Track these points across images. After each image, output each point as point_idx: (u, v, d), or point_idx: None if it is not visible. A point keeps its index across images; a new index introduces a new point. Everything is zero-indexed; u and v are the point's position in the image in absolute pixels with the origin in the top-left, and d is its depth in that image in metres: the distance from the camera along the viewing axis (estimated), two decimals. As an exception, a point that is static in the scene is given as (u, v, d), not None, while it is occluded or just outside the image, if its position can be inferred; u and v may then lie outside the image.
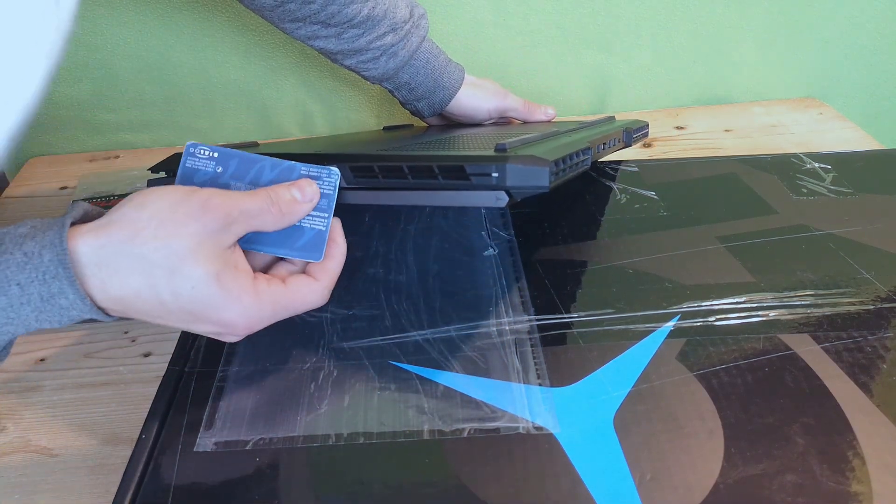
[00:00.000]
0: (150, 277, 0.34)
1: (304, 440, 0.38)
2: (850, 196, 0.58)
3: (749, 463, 0.35)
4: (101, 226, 0.35)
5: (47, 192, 0.71)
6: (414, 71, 0.62)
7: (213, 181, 0.40)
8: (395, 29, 0.59)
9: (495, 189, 0.39)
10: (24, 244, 0.33)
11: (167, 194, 0.36)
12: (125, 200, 0.36)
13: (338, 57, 0.61)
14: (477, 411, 0.39)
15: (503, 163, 0.37)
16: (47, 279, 0.33)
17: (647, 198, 0.58)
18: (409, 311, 0.46)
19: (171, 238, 0.34)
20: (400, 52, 0.60)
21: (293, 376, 0.42)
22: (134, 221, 0.35)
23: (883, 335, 0.43)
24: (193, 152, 0.40)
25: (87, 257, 0.34)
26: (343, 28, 0.58)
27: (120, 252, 0.34)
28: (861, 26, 0.77)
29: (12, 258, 0.32)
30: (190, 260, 0.35)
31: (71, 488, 0.41)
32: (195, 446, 0.38)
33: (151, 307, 0.35)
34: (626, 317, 0.45)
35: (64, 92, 0.74)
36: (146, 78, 0.75)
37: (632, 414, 0.38)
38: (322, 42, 0.59)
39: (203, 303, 0.35)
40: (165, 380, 0.42)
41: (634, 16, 0.74)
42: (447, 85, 0.64)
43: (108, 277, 0.34)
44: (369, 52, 0.60)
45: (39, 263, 0.32)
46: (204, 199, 0.36)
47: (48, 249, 0.33)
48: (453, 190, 0.40)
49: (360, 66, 0.61)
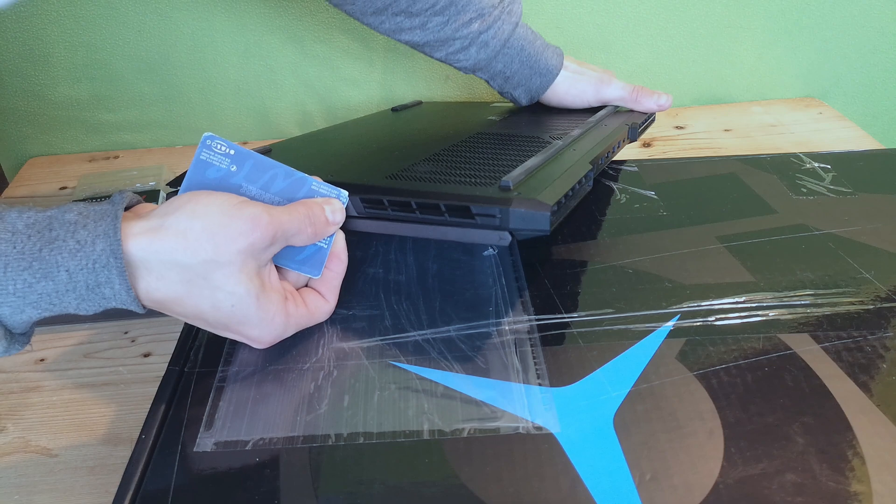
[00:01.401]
0: (194, 288, 0.36)
1: (303, 440, 0.38)
2: (849, 196, 0.58)
3: (749, 462, 0.35)
4: (153, 229, 0.35)
5: (47, 193, 0.71)
6: (508, 59, 0.59)
7: (225, 179, 0.40)
8: (482, 15, 0.56)
9: (499, 230, 0.41)
10: (76, 232, 0.33)
11: (219, 204, 0.37)
12: (176, 204, 0.37)
13: (426, 49, 0.59)
14: (477, 411, 0.39)
15: (507, 206, 0.39)
16: (97, 268, 0.33)
17: (647, 197, 0.58)
18: (409, 311, 0.46)
19: (220, 254, 0.36)
20: (491, 42, 0.58)
21: (293, 376, 0.42)
22: (186, 232, 0.35)
23: (883, 335, 0.43)
24: (210, 145, 0.40)
25: (138, 257, 0.35)
26: (426, 17, 0.56)
27: (170, 261, 0.35)
28: (861, 26, 0.77)
29: (65, 245, 0.33)
30: (233, 278, 0.36)
31: (71, 488, 0.41)
32: (195, 446, 0.38)
33: (188, 312, 0.37)
34: (625, 317, 0.45)
35: (63, 92, 0.74)
36: (146, 78, 0.75)
37: (632, 414, 0.38)
38: (408, 35, 0.58)
39: (239, 319, 0.38)
40: (165, 380, 0.42)
41: (633, 15, 0.74)
42: (544, 71, 0.61)
43: (154, 281, 0.35)
44: (457, 42, 0.57)
45: (91, 252, 0.33)
46: (254, 216, 0.37)
47: (101, 239, 0.33)
48: (459, 227, 0.42)
49: (450, 57, 0.59)
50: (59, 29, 0.70)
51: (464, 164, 0.50)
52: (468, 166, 0.49)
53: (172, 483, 0.36)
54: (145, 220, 0.36)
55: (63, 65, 0.72)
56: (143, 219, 0.36)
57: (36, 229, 0.33)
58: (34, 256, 0.32)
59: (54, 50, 0.71)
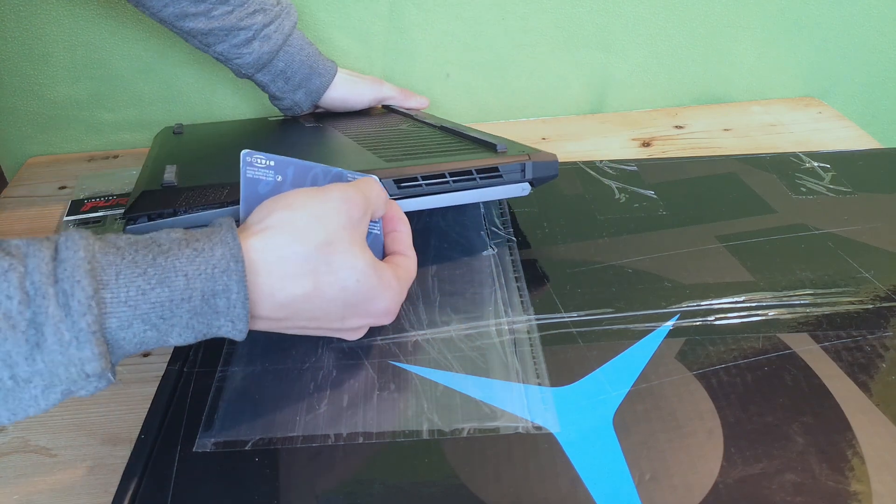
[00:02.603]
0: (319, 276, 0.35)
1: (303, 440, 0.38)
2: (849, 195, 0.58)
3: (749, 462, 0.35)
4: (259, 231, 0.35)
5: (46, 192, 0.70)
6: (289, 57, 0.61)
7: (276, 190, 0.40)
8: (264, 9, 0.58)
9: (520, 182, 0.49)
10: (190, 242, 0.32)
11: (307, 194, 0.37)
12: (267, 208, 0.36)
13: (210, 40, 0.58)
14: (476, 411, 0.39)
15: (528, 160, 0.49)
16: (216, 274, 0.32)
17: (647, 197, 0.58)
18: (409, 310, 0.46)
19: (331, 234, 0.35)
20: (273, 36, 0.59)
21: (292, 376, 0.42)
22: (293, 223, 0.35)
23: (882, 334, 0.43)
24: (251, 161, 0.39)
25: (255, 259, 0.34)
26: (212, 4, 0.56)
27: (288, 254, 0.34)
28: (861, 26, 0.77)
29: (181, 252, 0.32)
30: (349, 254, 0.36)
31: (70, 488, 0.41)
32: (194, 446, 0.37)
33: (313, 308, 0.36)
34: (625, 316, 0.45)
35: (63, 92, 0.74)
36: (145, 77, 0.74)
37: (631, 413, 0.38)
38: (191, 22, 0.57)
39: (366, 295, 0.37)
40: (164, 380, 0.42)
41: (633, 15, 0.74)
42: (323, 71, 0.64)
43: (277, 281, 0.34)
44: (241, 34, 0.58)
45: (210, 257, 0.32)
46: (344, 193, 0.37)
47: (220, 246, 0.32)
48: (488, 187, 0.49)
49: (232, 51, 0.59)
50: (59, 28, 0.70)
51: (420, 147, 0.54)
52: (425, 148, 0.54)
53: (172, 483, 0.36)
54: (243, 230, 0.35)
55: (62, 64, 0.72)
56: (242, 230, 0.35)
57: (142, 245, 0.32)
58: (148, 263, 0.31)
59: (54, 49, 0.71)
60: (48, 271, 0.29)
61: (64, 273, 0.29)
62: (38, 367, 0.28)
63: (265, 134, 0.66)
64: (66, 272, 0.29)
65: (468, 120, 0.80)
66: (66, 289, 0.28)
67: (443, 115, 0.79)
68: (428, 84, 0.78)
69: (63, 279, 0.29)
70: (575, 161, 0.65)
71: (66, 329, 0.28)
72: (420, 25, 0.73)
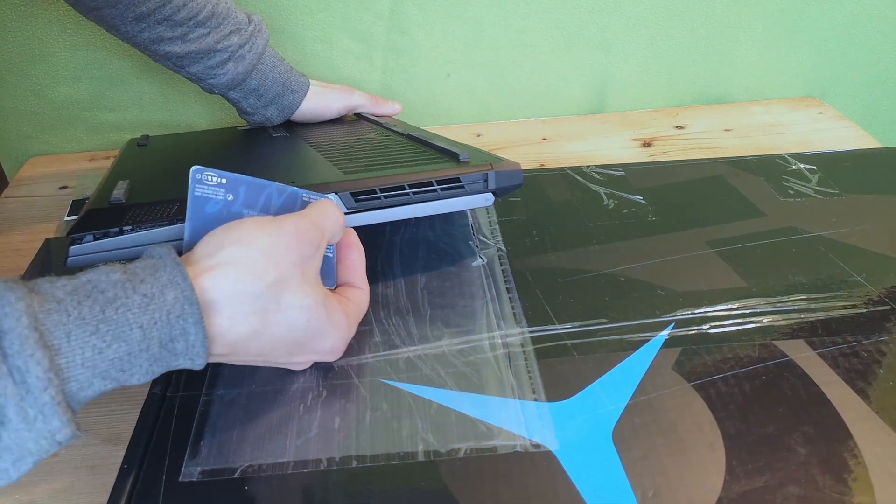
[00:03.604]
0: (268, 315, 0.34)
1: (294, 466, 0.36)
2: (836, 197, 0.58)
3: (751, 476, 0.35)
4: (209, 268, 0.33)
5: (47, 192, 0.70)
6: (262, 76, 0.61)
7: (225, 210, 0.38)
8: (239, 30, 0.58)
9: (483, 192, 0.48)
10: (136, 287, 0.30)
11: (258, 226, 0.35)
12: (216, 241, 0.34)
13: (184, 62, 0.58)
14: (472, 430, 0.38)
15: (490, 170, 0.47)
16: (171, 320, 0.30)
17: (635, 202, 0.58)
18: (399, 325, 0.45)
19: (282, 272, 0.34)
20: (247, 55, 0.59)
21: (281, 398, 0.40)
22: (244, 261, 0.34)
23: (878, 339, 0.43)
24: (200, 178, 0.38)
25: (205, 300, 0.32)
26: (189, 27, 0.55)
27: (240, 294, 0.33)
28: (861, 26, 0.77)
29: (130, 301, 0.30)
30: (300, 292, 0.35)
31: (71, 487, 0.40)
32: (180, 476, 0.36)
33: (263, 346, 0.35)
34: (619, 326, 0.44)
35: (64, 92, 0.74)
36: (145, 77, 0.74)
37: (631, 427, 0.38)
38: (167, 46, 0.56)
39: (314, 333, 0.37)
40: (147, 405, 0.40)
41: (634, 15, 0.74)
42: (296, 87, 0.63)
43: (226, 322, 0.33)
44: (217, 56, 0.57)
45: (163, 303, 0.30)
46: (296, 226, 0.36)
47: (170, 288, 0.31)
48: (449, 198, 0.47)
49: (207, 72, 0.58)
50: (60, 28, 0.69)
51: (383, 157, 0.54)
52: (389, 159, 0.53)
53: (157, 516, 0.34)
54: (192, 264, 0.34)
55: (63, 64, 0.72)
56: (188, 264, 0.34)
57: (83, 293, 0.29)
58: (99, 318, 0.29)
59: (55, 49, 0.71)
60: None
61: (12, 348, 0.26)
62: (6, 442, 0.27)
63: (229, 145, 0.65)
64: (15, 346, 0.26)
65: (469, 120, 0.79)
66: (19, 365, 0.26)
67: (443, 114, 0.79)
68: (428, 84, 0.77)
69: (12, 354, 0.26)
70: (562, 167, 0.64)
71: (28, 406, 0.27)
72: (421, 25, 0.72)
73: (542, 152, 0.71)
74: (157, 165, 0.60)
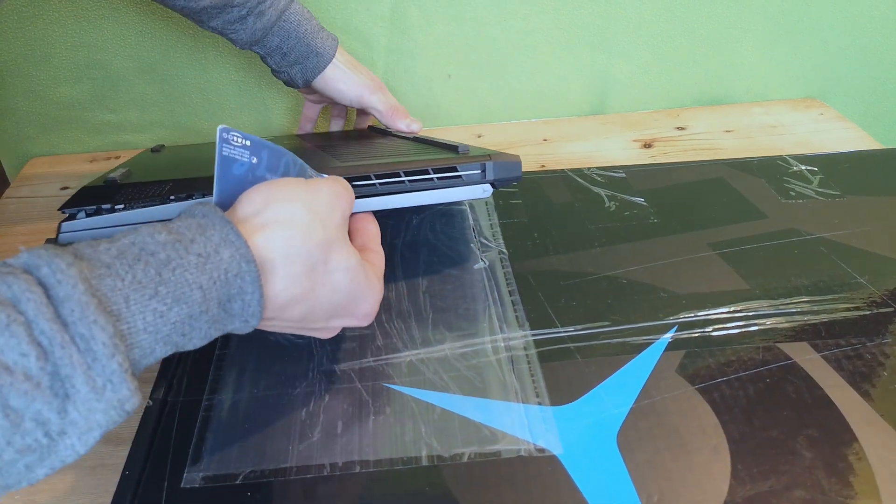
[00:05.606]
0: (317, 276, 0.34)
1: (297, 471, 0.36)
2: (837, 198, 0.58)
3: (756, 480, 0.35)
4: (260, 226, 0.32)
5: (48, 193, 0.70)
6: (284, 34, 0.58)
7: (251, 172, 0.37)
8: None
9: (481, 183, 0.47)
10: (188, 246, 0.29)
11: (298, 186, 0.35)
12: (260, 198, 0.33)
13: (203, 17, 0.57)
14: (476, 434, 0.38)
15: (488, 161, 0.47)
16: (229, 279, 0.29)
17: (636, 204, 0.58)
18: (401, 329, 0.45)
19: (328, 232, 0.34)
20: (267, 11, 0.57)
21: (283, 403, 0.40)
22: (293, 219, 0.33)
23: (881, 341, 0.43)
24: (227, 138, 0.36)
25: (260, 258, 0.31)
26: None
27: (292, 252, 0.32)
28: (861, 26, 0.77)
29: (185, 261, 0.28)
30: (343, 252, 0.35)
31: (72, 488, 0.40)
32: (182, 482, 0.36)
33: (305, 310, 0.34)
34: (622, 329, 0.44)
35: (64, 92, 0.73)
36: (146, 78, 0.74)
37: (635, 431, 0.37)
38: (183, 0, 0.54)
39: (355, 294, 0.36)
40: (147, 411, 0.40)
41: (634, 16, 0.74)
42: (321, 51, 0.60)
43: (280, 281, 0.32)
44: (235, 10, 0.56)
45: (219, 262, 0.29)
46: (334, 188, 0.36)
47: (224, 247, 0.29)
48: (446, 188, 0.46)
49: (226, 27, 0.57)
50: (61, 29, 0.69)
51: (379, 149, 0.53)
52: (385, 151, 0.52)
53: (159, 523, 0.34)
54: (240, 223, 0.32)
55: (64, 65, 0.72)
56: (239, 223, 0.33)
57: (132, 256, 0.28)
58: (157, 281, 0.27)
59: (56, 50, 0.71)
60: (51, 315, 0.25)
61: (72, 315, 0.25)
62: (73, 416, 0.25)
63: None
64: (76, 314, 0.25)
65: (470, 121, 0.79)
66: (82, 332, 0.25)
67: (444, 115, 0.79)
68: (429, 84, 0.77)
69: (73, 322, 0.25)
70: (563, 169, 0.64)
71: (97, 375, 0.26)
72: (421, 26, 0.72)
73: (542, 153, 0.71)
74: (164, 163, 0.59)
